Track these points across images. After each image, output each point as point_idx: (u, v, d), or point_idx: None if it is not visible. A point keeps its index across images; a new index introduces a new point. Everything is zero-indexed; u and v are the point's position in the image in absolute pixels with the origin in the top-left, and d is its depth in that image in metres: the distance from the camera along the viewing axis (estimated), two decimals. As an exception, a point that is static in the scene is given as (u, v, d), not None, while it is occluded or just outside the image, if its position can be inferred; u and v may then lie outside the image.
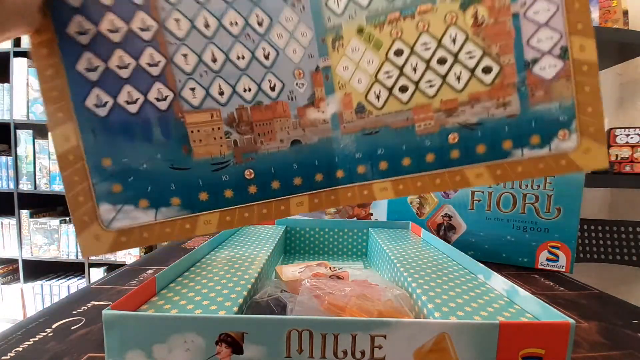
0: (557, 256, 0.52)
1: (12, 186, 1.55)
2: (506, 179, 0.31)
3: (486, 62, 0.36)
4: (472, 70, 0.36)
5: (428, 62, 0.37)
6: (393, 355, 0.19)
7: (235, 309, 0.24)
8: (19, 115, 1.52)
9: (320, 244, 0.56)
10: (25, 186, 1.55)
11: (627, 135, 1.07)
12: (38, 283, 1.60)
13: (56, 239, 1.58)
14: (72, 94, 0.33)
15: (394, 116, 0.38)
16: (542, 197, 0.52)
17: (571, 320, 0.19)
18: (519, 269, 0.54)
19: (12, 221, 1.58)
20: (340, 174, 0.34)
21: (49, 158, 1.54)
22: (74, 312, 0.34)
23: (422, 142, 0.35)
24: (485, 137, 0.33)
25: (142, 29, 0.34)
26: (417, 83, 0.37)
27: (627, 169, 1.08)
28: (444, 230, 0.61)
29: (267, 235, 0.47)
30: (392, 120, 0.38)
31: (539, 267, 0.54)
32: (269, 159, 0.36)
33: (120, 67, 0.34)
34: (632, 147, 1.07)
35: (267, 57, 0.37)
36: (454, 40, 0.37)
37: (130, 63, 0.34)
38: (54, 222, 1.57)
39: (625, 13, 1.12)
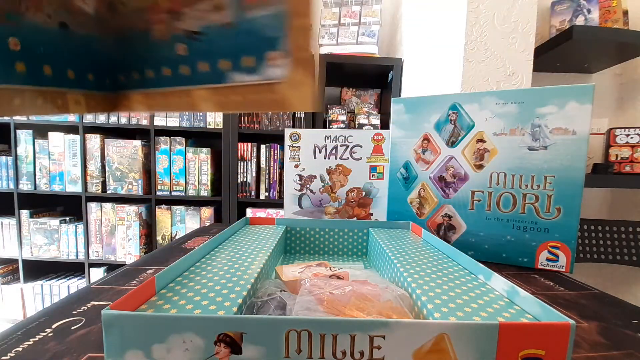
0: (557, 256, 0.52)
1: (12, 186, 1.56)
2: (228, 109, 0.25)
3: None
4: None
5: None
6: (392, 355, 0.19)
7: (235, 309, 0.24)
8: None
9: (320, 244, 0.56)
10: (25, 186, 1.55)
11: (627, 135, 1.07)
12: (38, 283, 1.60)
13: (56, 239, 1.58)
14: None
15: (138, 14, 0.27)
16: (542, 197, 0.52)
17: (571, 322, 0.19)
18: (519, 269, 0.54)
19: (12, 221, 1.58)
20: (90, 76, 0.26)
21: (49, 158, 1.54)
22: (74, 312, 0.34)
23: (157, 52, 0.26)
24: (208, 52, 0.25)
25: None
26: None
27: (627, 169, 1.07)
28: (444, 230, 0.61)
29: (267, 235, 0.47)
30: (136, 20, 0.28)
31: (539, 267, 0.53)
32: (36, 34, 0.24)
33: None
34: (632, 147, 1.07)
35: None
36: None
37: None
38: (54, 222, 1.57)
39: (625, 13, 1.12)
